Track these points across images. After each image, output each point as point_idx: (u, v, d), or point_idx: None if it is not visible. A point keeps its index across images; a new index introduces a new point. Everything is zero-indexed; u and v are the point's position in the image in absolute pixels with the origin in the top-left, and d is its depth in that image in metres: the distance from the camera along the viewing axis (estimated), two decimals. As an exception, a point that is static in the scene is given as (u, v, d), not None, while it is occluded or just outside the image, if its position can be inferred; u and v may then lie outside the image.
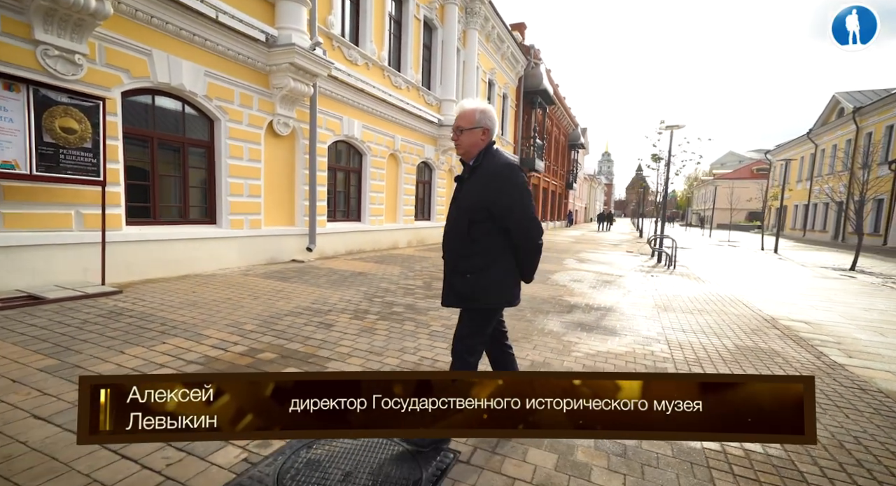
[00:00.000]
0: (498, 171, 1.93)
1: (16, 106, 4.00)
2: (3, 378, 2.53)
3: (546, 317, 4.81)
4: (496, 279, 1.97)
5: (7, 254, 4.37)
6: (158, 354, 3.05)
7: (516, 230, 1.94)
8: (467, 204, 1.97)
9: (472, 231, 1.96)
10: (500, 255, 1.98)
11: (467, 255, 1.98)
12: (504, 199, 1.90)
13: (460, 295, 2.01)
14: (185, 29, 5.78)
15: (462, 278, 1.99)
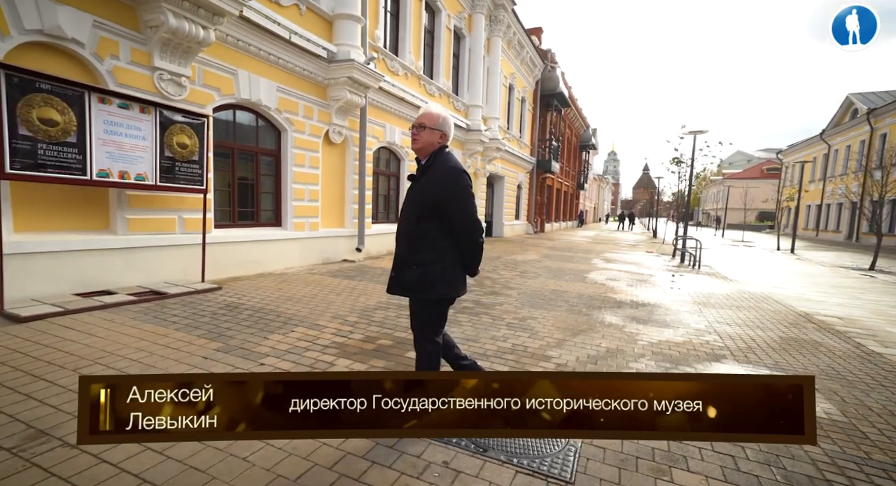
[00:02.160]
0: (446, 173, 2.09)
1: (147, 126, 4.57)
2: (195, 356, 3.09)
3: (600, 312, 5.32)
4: (441, 272, 2.11)
5: (129, 254, 4.95)
6: (295, 340, 3.60)
7: (458, 228, 2.11)
8: (418, 201, 2.14)
9: (421, 227, 2.12)
10: (445, 250, 2.12)
11: (415, 249, 2.13)
12: (449, 199, 2.07)
13: (407, 286, 2.15)
14: (264, 49, 6.35)
15: (409, 269, 2.13)
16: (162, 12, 4.68)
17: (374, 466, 1.95)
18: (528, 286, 6.82)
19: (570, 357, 3.59)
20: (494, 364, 3.33)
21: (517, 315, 4.91)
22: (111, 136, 4.28)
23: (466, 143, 14.05)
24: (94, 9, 4.44)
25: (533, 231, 23.07)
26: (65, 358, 2.93)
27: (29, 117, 3.69)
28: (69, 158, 3.98)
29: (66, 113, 3.92)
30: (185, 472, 1.80)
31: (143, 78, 4.94)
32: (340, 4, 7.64)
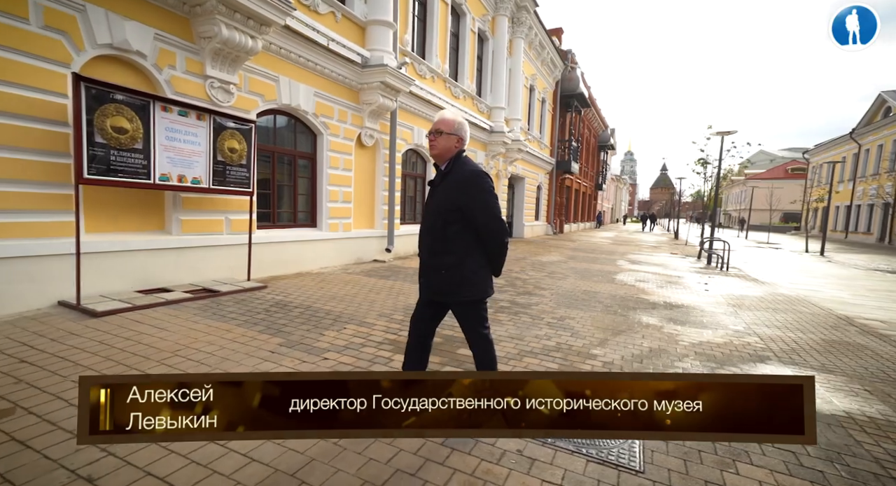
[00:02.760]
0: (468, 176, 2.13)
1: (203, 132, 4.82)
2: (263, 350, 3.28)
3: (635, 313, 5.37)
4: (469, 274, 2.15)
5: (182, 254, 5.21)
6: (349, 337, 3.77)
7: (484, 230, 2.14)
8: (442, 206, 2.16)
9: (447, 231, 2.15)
10: (471, 252, 2.16)
11: (442, 252, 2.16)
12: (474, 202, 2.10)
13: (437, 290, 2.21)
14: (303, 56, 6.57)
15: (437, 273, 2.18)
16: (216, 24, 4.93)
17: (455, 452, 2.09)
18: (560, 287, 6.89)
19: (615, 356, 3.68)
20: (544, 362, 3.44)
21: (555, 315, 5.00)
22: (172, 142, 4.53)
23: (489, 144, 14.15)
24: (156, 22, 4.70)
25: (552, 232, 23.02)
26: (147, 350, 3.15)
27: (103, 126, 3.95)
28: (136, 163, 4.24)
29: (134, 121, 4.17)
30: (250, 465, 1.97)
31: (197, 86, 5.19)
32: (373, 11, 7.84)
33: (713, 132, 11.75)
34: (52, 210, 4.05)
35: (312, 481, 1.82)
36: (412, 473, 1.92)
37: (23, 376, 2.64)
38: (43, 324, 3.58)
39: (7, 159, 3.72)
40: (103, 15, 4.23)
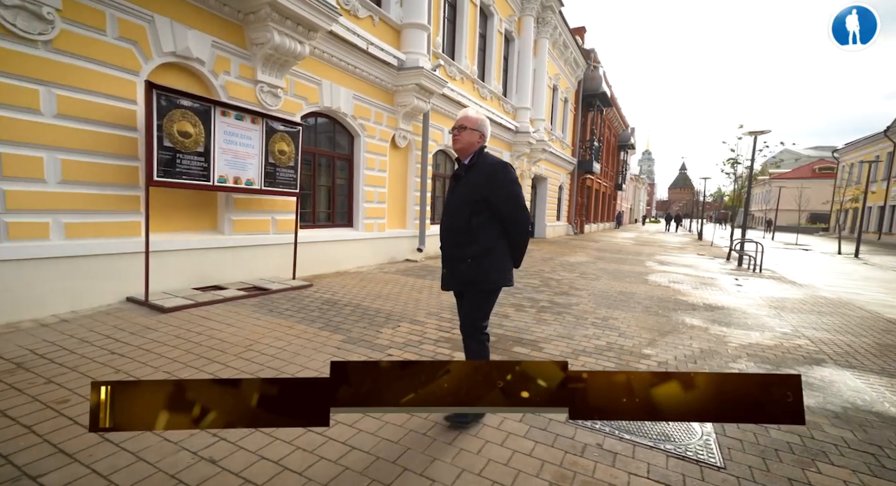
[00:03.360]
0: (495, 167, 2.22)
1: (256, 135, 5.00)
2: (328, 346, 3.42)
3: (677, 313, 5.37)
4: (494, 263, 2.23)
5: (233, 253, 5.41)
6: (406, 334, 3.89)
7: (510, 219, 2.21)
8: (467, 197, 2.23)
9: (472, 221, 2.21)
10: (496, 242, 2.24)
11: (468, 242, 2.22)
12: (500, 191, 2.18)
13: (463, 279, 2.26)
14: (344, 60, 6.73)
15: (464, 263, 2.23)
16: (268, 30, 5.10)
17: (539, 445, 2.17)
18: (595, 287, 6.91)
19: (668, 356, 3.71)
20: (599, 361, 3.49)
21: (597, 315, 5.04)
22: (229, 145, 4.72)
23: (514, 145, 14.18)
24: (214, 30, 4.89)
25: (573, 232, 22.89)
26: (221, 345, 3.31)
27: (171, 131, 4.14)
28: (198, 165, 4.43)
29: (197, 126, 4.36)
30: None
31: (248, 91, 5.38)
32: (409, 14, 7.96)
33: (745, 132, 11.55)
34: (121, 211, 4.27)
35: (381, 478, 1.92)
36: (503, 463, 2.00)
37: (119, 367, 2.83)
38: (119, 319, 3.79)
39: (84, 163, 3.94)
40: (168, 25, 4.44)
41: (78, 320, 3.71)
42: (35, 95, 3.58)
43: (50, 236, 3.77)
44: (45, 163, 3.69)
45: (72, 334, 3.37)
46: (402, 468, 1.92)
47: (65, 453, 1.90)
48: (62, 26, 3.68)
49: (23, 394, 2.40)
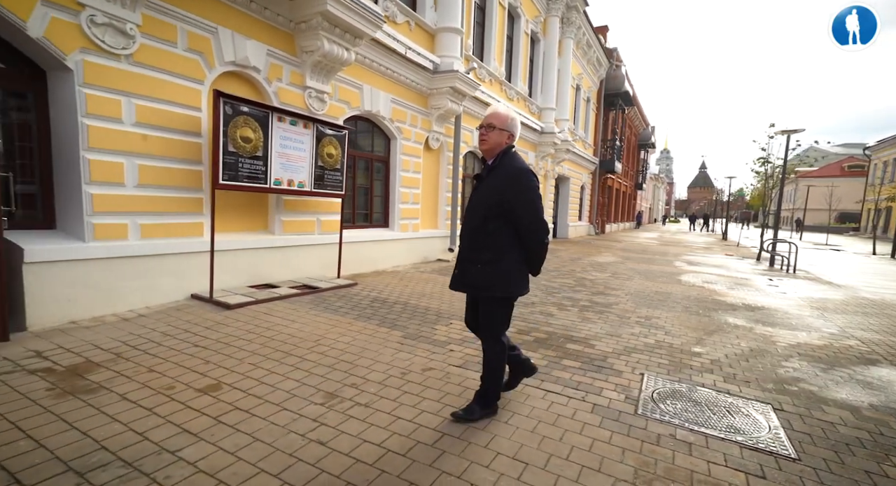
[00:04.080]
0: (514, 173, 2.14)
1: (307, 139, 5.22)
2: (391, 342, 3.59)
3: (718, 313, 5.39)
4: (505, 271, 2.15)
5: (283, 252, 5.64)
6: (460, 331, 4.03)
7: (525, 228, 2.14)
8: (485, 201, 2.17)
9: (487, 225, 2.15)
10: (509, 249, 2.15)
11: (481, 247, 2.17)
12: (517, 199, 2.11)
13: (471, 284, 2.22)
14: (383, 64, 6.92)
15: (474, 267, 2.18)
16: (319, 39, 5.31)
17: (615, 435, 2.29)
18: (629, 287, 6.95)
19: (719, 354, 3.77)
20: (652, 358, 3.58)
21: (639, 314, 5.10)
22: (284, 149, 4.94)
23: (539, 145, 14.22)
24: (268, 39, 5.12)
25: (594, 232, 22.76)
26: (293, 339, 3.52)
27: (234, 136, 4.38)
28: (257, 169, 4.66)
29: (256, 131, 4.59)
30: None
31: (297, 96, 5.61)
32: (443, 19, 8.12)
33: (778, 131, 11.37)
34: (186, 212, 4.52)
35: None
36: (587, 449, 2.13)
37: (206, 358, 3.04)
38: (190, 314, 4.03)
39: (157, 167, 4.20)
40: (230, 36, 4.68)
41: (153, 315, 3.97)
42: (118, 104, 3.85)
43: (128, 237, 4.03)
44: (125, 168, 3.95)
45: (153, 327, 3.61)
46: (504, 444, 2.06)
47: (189, 432, 2.10)
48: (141, 41, 3.93)
49: (132, 381, 2.62)
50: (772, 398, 2.84)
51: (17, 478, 1.72)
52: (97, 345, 3.16)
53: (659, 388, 2.94)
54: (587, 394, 2.78)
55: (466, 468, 1.93)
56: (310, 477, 1.81)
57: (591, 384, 2.95)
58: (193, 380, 2.68)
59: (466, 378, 2.93)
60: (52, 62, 3.55)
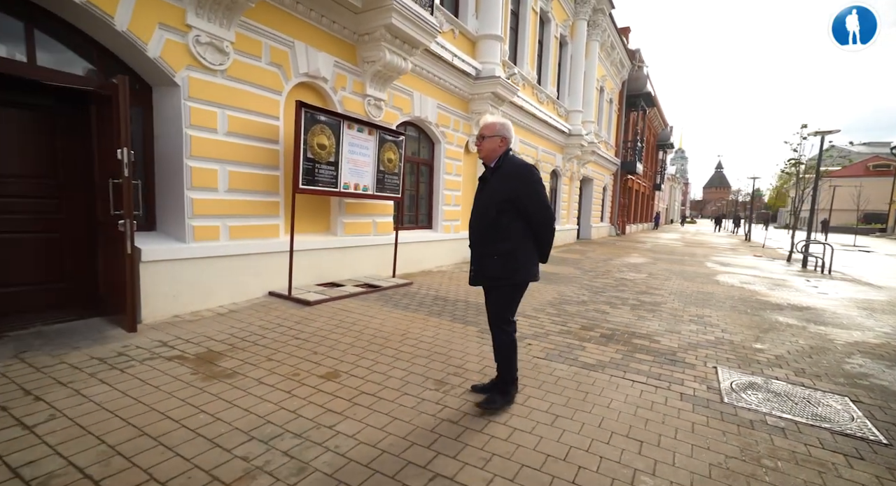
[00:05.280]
0: (519, 169, 2.36)
1: (371, 145, 5.51)
2: (470, 336, 3.84)
3: (766, 312, 5.52)
4: (521, 260, 2.36)
5: (343, 253, 5.94)
6: (528, 327, 4.26)
7: (535, 217, 2.33)
8: (494, 198, 2.36)
9: (499, 220, 2.35)
10: (522, 239, 2.36)
11: (495, 240, 2.36)
12: (525, 191, 2.32)
13: (491, 275, 2.39)
14: (431, 72, 7.20)
15: (491, 260, 2.37)
16: (381, 50, 5.60)
17: (712, 419, 2.50)
18: (670, 287, 7.10)
19: (780, 351, 3.93)
20: (718, 353, 3.76)
21: (690, 313, 5.27)
22: (352, 155, 5.23)
23: (566, 147, 14.37)
24: (335, 51, 5.43)
25: (616, 233, 22.78)
26: (380, 333, 3.79)
27: (312, 143, 4.68)
28: (329, 174, 4.96)
29: (330, 138, 4.89)
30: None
31: (358, 104, 5.91)
32: (484, 26, 8.37)
33: (811, 132, 11.35)
34: (265, 215, 4.83)
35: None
36: (689, 431, 2.35)
37: (313, 348, 3.33)
38: (276, 310, 4.33)
39: (243, 173, 4.52)
40: (304, 49, 4.99)
41: (242, 310, 4.28)
42: (214, 116, 4.17)
43: (219, 238, 4.35)
44: (218, 174, 4.28)
45: (249, 322, 3.92)
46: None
47: (333, 411, 2.37)
48: (234, 57, 4.26)
49: (258, 368, 2.91)
50: (847, 391, 3.02)
51: (216, 442, 2.01)
52: (209, 337, 3.47)
53: (735, 380, 3.13)
54: (671, 384, 2.99)
55: (590, 445, 2.16)
56: (457, 449, 2.06)
57: (670, 376, 3.15)
58: (311, 368, 2.96)
59: (556, 369, 3.16)
60: (161, 79, 3.88)
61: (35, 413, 2.18)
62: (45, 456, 1.85)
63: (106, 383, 2.56)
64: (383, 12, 5.33)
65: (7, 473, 1.73)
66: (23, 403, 2.28)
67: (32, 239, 3.73)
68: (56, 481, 1.70)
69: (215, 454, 1.93)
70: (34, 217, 3.71)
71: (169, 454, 1.91)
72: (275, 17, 4.63)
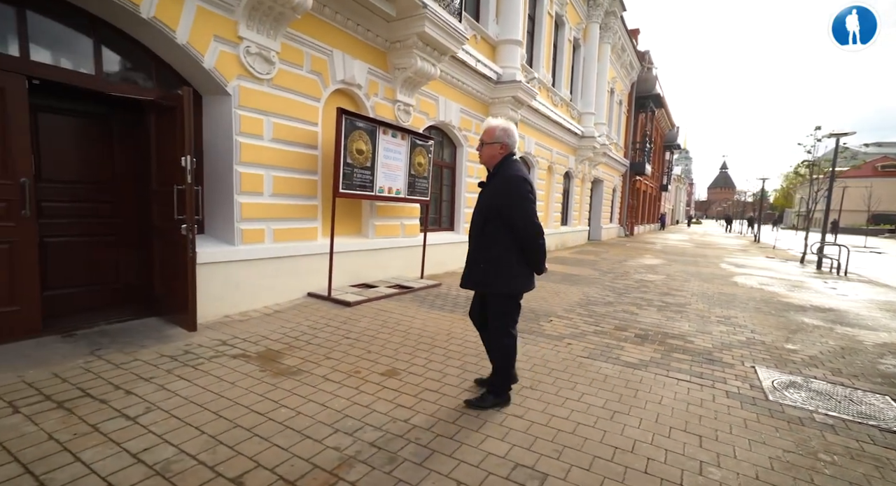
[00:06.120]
0: (507, 180, 2.32)
1: (403, 150, 5.66)
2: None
3: (790, 314, 5.62)
4: (505, 269, 2.33)
5: (374, 255, 6.08)
6: (563, 327, 4.39)
7: (519, 230, 2.31)
8: (485, 205, 2.39)
9: (486, 228, 2.36)
10: (507, 249, 2.33)
11: (482, 247, 2.39)
12: (511, 205, 2.29)
13: (476, 281, 2.44)
14: (456, 77, 7.34)
15: (477, 267, 2.40)
16: (413, 57, 5.75)
17: (761, 416, 2.62)
18: (691, 289, 7.20)
19: (813, 351, 4.04)
20: (753, 353, 3.87)
21: (716, 314, 5.38)
22: (386, 159, 5.38)
23: (579, 149, 14.48)
24: (369, 58, 5.58)
25: (624, 234, 22.85)
26: (424, 333, 3.94)
27: (351, 149, 4.83)
28: (366, 178, 5.11)
29: (367, 143, 5.04)
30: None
31: (389, 109, 6.05)
32: (504, 31, 8.51)
33: (826, 134, 11.42)
34: (304, 218, 4.98)
35: (678, 427, 2.41)
36: (742, 426, 2.47)
37: (366, 347, 3.47)
38: (319, 311, 4.48)
39: (285, 178, 4.67)
40: (341, 57, 5.14)
41: (286, 311, 4.43)
42: (260, 123, 4.33)
43: (264, 241, 4.51)
44: (264, 179, 4.43)
45: (297, 322, 4.07)
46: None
47: (403, 406, 2.51)
48: (279, 66, 4.41)
49: (320, 366, 3.06)
50: (886, 391, 3.13)
51: (305, 434, 2.15)
52: (264, 336, 3.62)
53: (775, 378, 3.25)
54: (714, 382, 3.11)
55: (652, 438, 2.29)
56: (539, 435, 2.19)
57: (711, 374, 3.27)
58: (370, 366, 3.10)
59: (601, 367, 3.29)
60: (214, 88, 4.04)
61: (132, 405, 2.34)
62: (157, 444, 1.99)
63: (184, 379, 2.71)
64: (416, 20, 5.47)
65: (130, 458, 1.87)
66: (116, 396, 2.43)
67: (91, 242, 3.89)
68: (175, 466, 1.85)
69: (308, 445, 2.07)
70: (92, 221, 3.88)
71: (266, 445, 2.05)
72: (316, 27, 4.78)
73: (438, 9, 5.58)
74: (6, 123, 2.98)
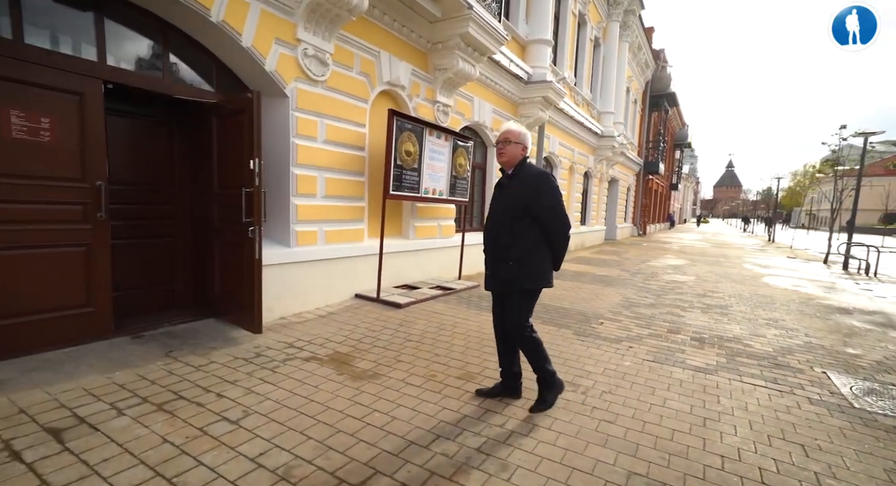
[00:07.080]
0: (537, 177, 2.39)
1: (446, 151, 5.64)
2: (570, 338, 3.95)
3: (836, 316, 5.56)
4: (534, 265, 2.39)
5: (415, 256, 6.08)
6: (615, 329, 4.36)
7: (551, 224, 2.36)
8: (511, 204, 2.41)
9: (514, 227, 2.38)
10: (536, 245, 2.39)
11: (510, 246, 2.39)
12: (543, 199, 2.34)
13: (505, 280, 2.43)
14: (490, 77, 7.31)
15: (506, 265, 2.40)
16: (454, 57, 5.73)
17: (855, 425, 2.59)
18: (726, 290, 7.14)
19: (876, 356, 3.99)
20: (817, 357, 3.83)
21: (762, 316, 5.33)
22: (431, 161, 5.37)
23: (598, 148, 14.41)
24: (412, 60, 5.57)
25: (637, 233, 22.74)
26: (481, 334, 3.92)
27: (400, 150, 4.82)
28: (413, 179, 5.10)
29: (415, 145, 5.03)
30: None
31: (429, 110, 6.04)
32: (534, 31, 8.47)
33: (853, 133, 11.29)
34: (352, 220, 4.98)
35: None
36: (841, 435, 2.44)
37: (431, 349, 3.47)
38: (371, 312, 4.48)
39: (336, 180, 4.67)
40: (387, 59, 5.13)
41: (339, 312, 4.43)
42: (315, 125, 4.33)
43: (317, 242, 4.51)
44: (317, 181, 4.43)
45: (354, 324, 4.07)
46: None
47: (492, 411, 2.50)
48: (333, 68, 4.41)
49: (395, 369, 3.05)
50: (967, 396, 3.08)
51: (409, 439, 2.14)
52: (327, 338, 3.62)
53: (853, 384, 3.21)
54: (792, 388, 3.08)
55: (755, 447, 2.26)
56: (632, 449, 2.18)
57: (785, 380, 3.24)
58: (444, 370, 3.09)
59: (672, 372, 3.27)
60: (272, 90, 4.04)
61: (229, 409, 2.34)
62: (269, 449, 1.99)
63: (268, 383, 2.71)
64: (460, 21, 5.45)
65: (249, 463, 1.87)
66: (209, 399, 2.44)
67: (151, 244, 3.91)
68: (296, 471, 1.84)
69: (415, 451, 2.06)
70: (153, 222, 3.89)
71: (375, 450, 2.05)
72: (365, 29, 4.77)
73: (482, 10, 5.55)
74: (85, 127, 2.99)
